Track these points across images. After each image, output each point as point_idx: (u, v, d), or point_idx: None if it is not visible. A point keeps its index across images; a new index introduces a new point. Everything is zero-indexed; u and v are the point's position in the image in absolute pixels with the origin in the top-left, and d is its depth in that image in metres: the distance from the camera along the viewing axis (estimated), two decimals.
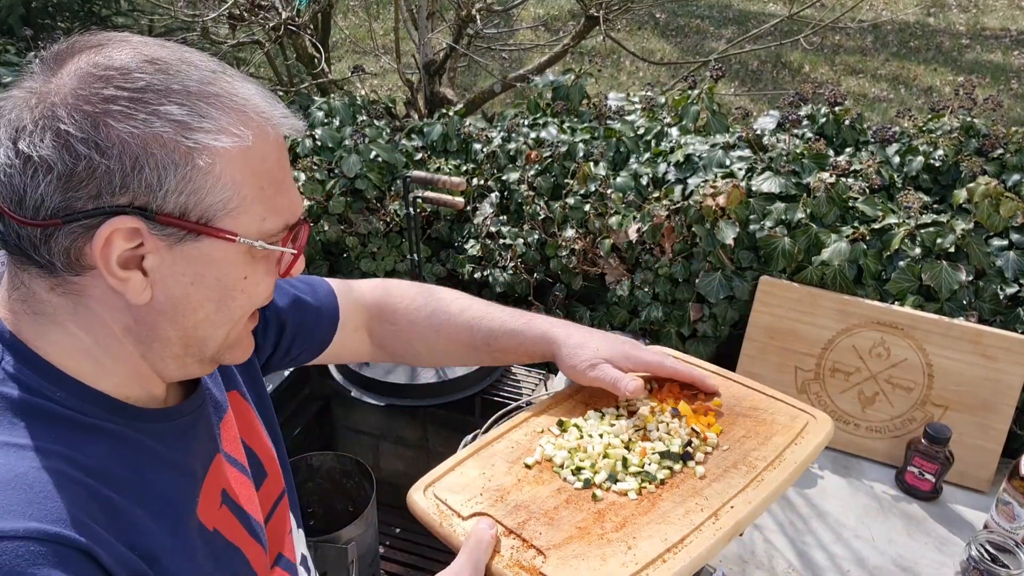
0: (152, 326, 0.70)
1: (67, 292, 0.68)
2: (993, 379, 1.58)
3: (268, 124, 0.69)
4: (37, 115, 0.63)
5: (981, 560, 1.29)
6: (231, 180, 0.66)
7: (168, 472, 0.73)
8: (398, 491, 2.27)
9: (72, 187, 0.62)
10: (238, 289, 0.71)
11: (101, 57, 0.65)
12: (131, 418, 0.72)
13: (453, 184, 1.78)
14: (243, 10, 2.78)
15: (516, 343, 1.09)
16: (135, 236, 0.65)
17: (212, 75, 0.67)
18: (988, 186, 1.67)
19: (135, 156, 0.63)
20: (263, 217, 0.69)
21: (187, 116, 0.64)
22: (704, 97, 2.10)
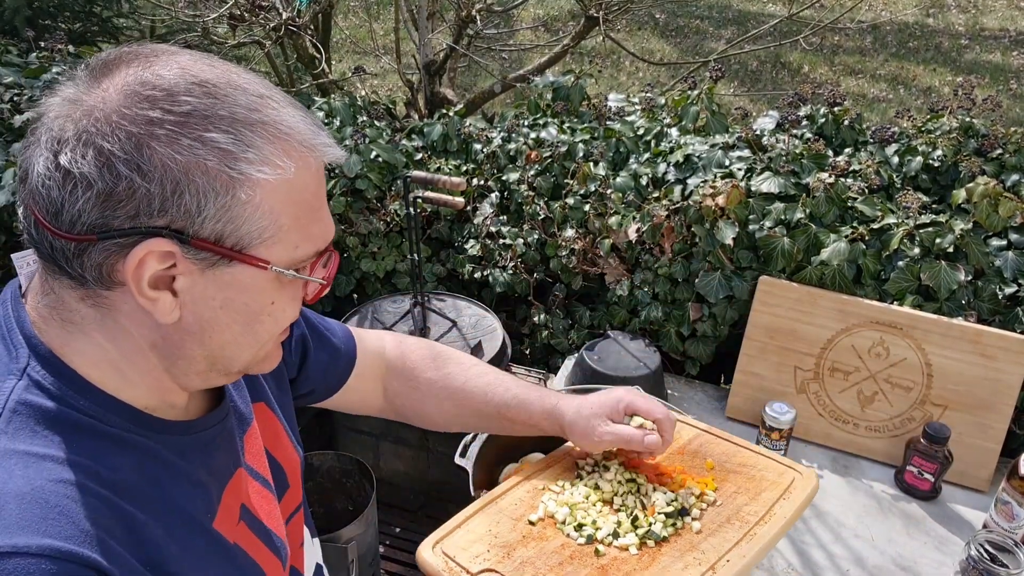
0: (178, 344, 0.70)
1: (96, 304, 0.67)
2: (992, 379, 1.58)
3: (311, 154, 0.68)
4: (80, 128, 0.62)
5: (980, 559, 1.30)
6: (269, 210, 0.66)
7: (187, 486, 0.73)
8: (398, 491, 2.28)
9: (111, 206, 0.62)
10: (265, 313, 0.71)
11: (149, 74, 0.64)
12: (153, 430, 0.72)
13: (453, 184, 1.79)
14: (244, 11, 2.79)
15: (526, 414, 1.12)
16: (168, 258, 0.64)
17: (259, 100, 0.66)
18: (987, 186, 1.67)
19: (176, 181, 0.62)
20: (296, 245, 0.69)
21: (232, 145, 0.63)
22: (703, 97, 2.10)
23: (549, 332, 2.07)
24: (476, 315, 2.07)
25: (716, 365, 1.94)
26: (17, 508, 0.61)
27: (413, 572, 2.10)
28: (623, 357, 1.82)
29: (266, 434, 0.90)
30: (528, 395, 1.12)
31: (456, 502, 2.17)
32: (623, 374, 1.75)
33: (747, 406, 1.78)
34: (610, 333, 1.91)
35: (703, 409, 1.84)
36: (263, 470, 0.87)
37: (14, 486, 0.62)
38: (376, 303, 2.13)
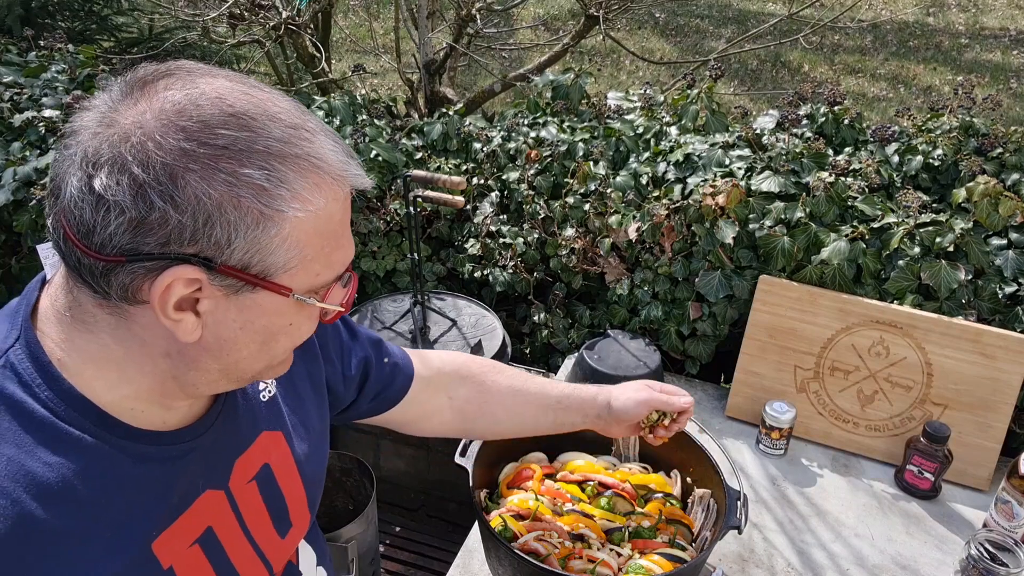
0: (194, 359, 0.71)
1: (114, 313, 0.68)
2: (992, 378, 1.58)
3: (341, 184, 0.69)
4: (115, 153, 0.62)
5: (980, 559, 1.30)
6: (296, 242, 0.67)
7: (134, 497, 0.72)
8: (399, 490, 2.29)
9: (142, 232, 0.63)
10: (282, 333, 0.73)
11: (187, 101, 0.64)
12: (118, 435, 0.71)
13: (453, 183, 1.79)
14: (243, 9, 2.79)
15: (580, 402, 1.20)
16: (194, 283, 0.65)
17: (294, 132, 0.66)
18: (987, 185, 1.67)
19: (208, 214, 0.63)
20: (318, 273, 0.70)
21: (265, 182, 0.64)
22: (703, 96, 2.10)
23: (549, 331, 2.07)
24: (476, 314, 2.07)
25: (716, 364, 1.94)
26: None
27: (413, 571, 2.10)
28: (623, 356, 1.82)
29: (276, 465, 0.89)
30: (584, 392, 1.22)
31: (456, 502, 2.18)
32: (623, 373, 1.74)
33: (747, 405, 1.78)
34: (610, 332, 1.91)
35: (703, 409, 1.84)
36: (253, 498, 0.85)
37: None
38: (376, 302, 2.13)
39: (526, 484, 1.34)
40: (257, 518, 0.85)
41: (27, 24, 3.42)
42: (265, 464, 0.87)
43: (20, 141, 2.27)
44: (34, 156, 2.23)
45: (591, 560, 1.19)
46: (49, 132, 2.30)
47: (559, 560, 1.19)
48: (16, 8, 3.46)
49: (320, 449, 0.98)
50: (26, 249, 2.23)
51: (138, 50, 3.60)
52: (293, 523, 0.91)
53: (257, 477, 0.86)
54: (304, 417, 0.95)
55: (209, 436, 0.80)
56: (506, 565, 1.18)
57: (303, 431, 0.94)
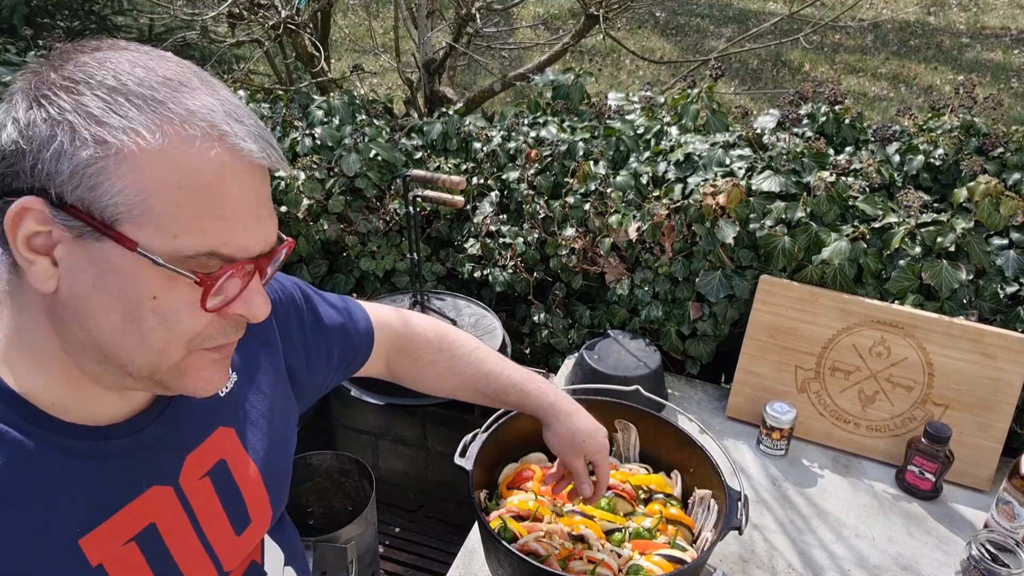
0: (60, 319, 0.67)
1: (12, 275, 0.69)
2: (993, 378, 1.58)
3: (215, 140, 0.64)
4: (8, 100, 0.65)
5: (981, 559, 1.29)
6: (136, 185, 0.62)
7: (65, 493, 0.70)
8: (397, 490, 2.28)
9: (3, 166, 0.64)
10: (146, 308, 0.66)
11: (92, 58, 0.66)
12: (47, 429, 0.70)
13: (453, 183, 1.78)
14: (242, 9, 2.78)
15: (521, 403, 1.21)
16: (44, 221, 0.64)
17: (166, 82, 0.64)
18: (988, 185, 1.66)
19: (42, 140, 0.62)
20: (175, 234, 0.64)
21: (100, 110, 0.62)
22: (704, 96, 2.10)
23: (549, 331, 2.07)
24: (476, 314, 2.06)
25: (716, 364, 1.94)
26: None
27: (412, 572, 2.09)
28: (623, 356, 1.81)
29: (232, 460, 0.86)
30: (528, 386, 1.21)
31: (456, 502, 2.18)
32: (623, 373, 1.74)
33: (748, 405, 1.78)
34: (610, 332, 1.90)
35: (703, 409, 1.83)
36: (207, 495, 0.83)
37: None
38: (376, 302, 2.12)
39: (526, 485, 1.34)
40: (211, 515, 0.83)
41: (27, 23, 3.42)
42: (220, 460, 0.85)
43: None
44: None
45: (591, 561, 1.18)
46: None
47: (559, 561, 1.18)
48: (21, 7, 3.45)
49: (284, 445, 0.96)
50: None
51: None
52: (252, 520, 0.89)
53: (211, 473, 0.83)
54: (267, 412, 0.92)
55: (151, 432, 0.78)
56: (506, 566, 1.17)
57: (265, 426, 0.91)
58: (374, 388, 1.95)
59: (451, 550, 1.66)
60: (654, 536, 1.25)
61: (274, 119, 2.34)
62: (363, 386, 1.97)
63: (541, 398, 1.20)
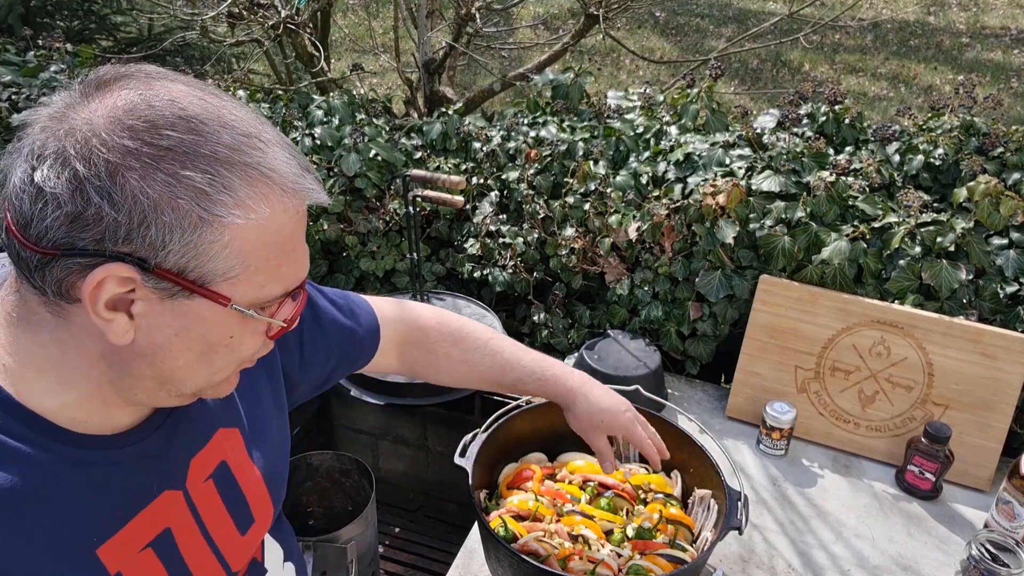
0: (127, 362, 0.69)
1: (55, 312, 0.68)
2: (993, 378, 1.58)
3: (292, 197, 0.68)
4: (60, 147, 0.62)
5: (981, 559, 1.29)
6: (238, 251, 0.66)
7: (79, 504, 0.71)
8: (398, 490, 2.28)
9: (77, 227, 0.62)
10: (222, 345, 0.71)
11: (139, 100, 0.64)
12: (60, 441, 0.70)
13: (453, 183, 1.78)
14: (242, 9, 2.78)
15: (541, 390, 1.22)
16: (128, 283, 0.64)
17: (245, 140, 0.66)
18: (988, 185, 1.66)
19: (144, 215, 0.62)
20: (263, 285, 0.69)
21: (207, 186, 0.63)
22: (704, 96, 2.10)
23: (549, 331, 2.07)
24: (476, 314, 2.06)
25: (716, 364, 1.94)
26: None
27: (412, 572, 2.09)
28: (623, 356, 1.81)
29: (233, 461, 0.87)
30: (545, 373, 1.22)
31: (456, 502, 2.18)
32: (623, 373, 1.74)
33: (748, 405, 1.78)
34: (610, 332, 1.90)
35: (703, 409, 1.83)
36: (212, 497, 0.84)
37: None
38: None
39: (526, 485, 1.34)
40: (216, 517, 0.84)
41: (26, 23, 3.42)
42: (222, 461, 0.86)
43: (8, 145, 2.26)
44: None
45: (591, 561, 1.18)
46: None
47: (559, 561, 1.18)
48: (17, 7, 3.45)
49: (281, 443, 0.97)
50: None
51: (137, 50, 3.60)
52: (255, 519, 0.90)
53: (214, 475, 0.85)
54: (262, 411, 0.93)
55: (158, 437, 0.79)
56: (506, 566, 1.17)
57: (262, 424, 0.93)
58: (374, 388, 1.95)
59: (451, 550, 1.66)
60: (654, 536, 1.25)
61: (274, 119, 2.34)
62: (363, 386, 1.97)
63: (558, 384, 1.21)
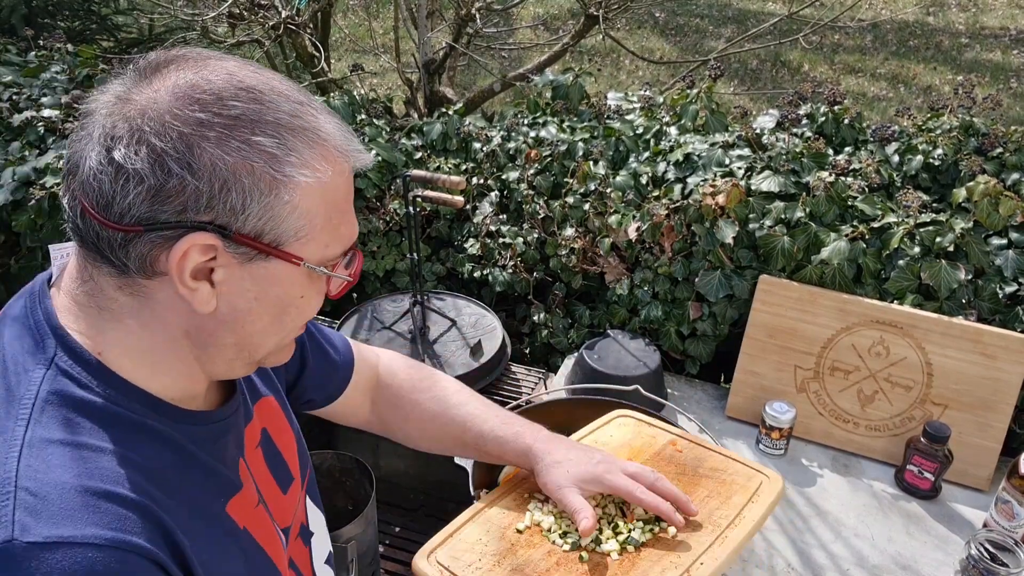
0: (212, 332, 0.73)
1: (134, 293, 0.70)
2: (992, 378, 1.58)
3: (344, 159, 0.73)
4: (134, 126, 0.65)
5: (981, 559, 1.30)
6: (306, 210, 0.70)
7: (201, 472, 0.76)
8: (398, 490, 2.28)
9: (160, 200, 0.65)
10: (293, 306, 0.75)
11: (198, 78, 0.67)
12: (171, 418, 0.74)
13: (453, 183, 1.78)
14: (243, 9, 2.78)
15: (500, 451, 1.12)
16: (210, 251, 0.68)
17: (300, 107, 0.70)
18: (987, 185, 1.67)
19: (224, 180, 0.66)
20: (326, 244, 0.73)
21: (277, 149, 0.67)
22: (703, 96, 2.10)
23: (549, 331, 2.07)
24: (476, 314, 2.07)
25: (716, 364, 1.94)
26: (59, 498, 0.63)
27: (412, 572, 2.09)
28: (623, 356, 1.81)
29: (273, 428, 0.93)
30: (505, 432, 1.11)
31: (456, 502, 2.17)
32: (623, 373, 1.74)
33: (747, 405, 1.78)
34: (610, 332, 1.91)
35: (703, 408, 1.84)
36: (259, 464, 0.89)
37: (54, 476, 0.64)
38: (375, 302, 2.12)
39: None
40: (264, 480, 0.89)
41: (27, 24, 3.42)
42: (263, 429, 0.91)
43: (19, 141, 2.27)
44: (33, 156, 2.22)
45: None
46: (48, 132, 2.30)
47: None
48: (20, 7, 3.46)
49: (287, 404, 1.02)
50: (24, 249, 2.23)
51: (138, 50, 3.60)
52: (294, 477, 0.95)
53: (260, 443, 0.90)
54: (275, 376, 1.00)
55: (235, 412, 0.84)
56: None
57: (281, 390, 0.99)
58: None
59: None
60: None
61: None
62: None
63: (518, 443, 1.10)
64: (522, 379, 2.01)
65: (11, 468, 0.64)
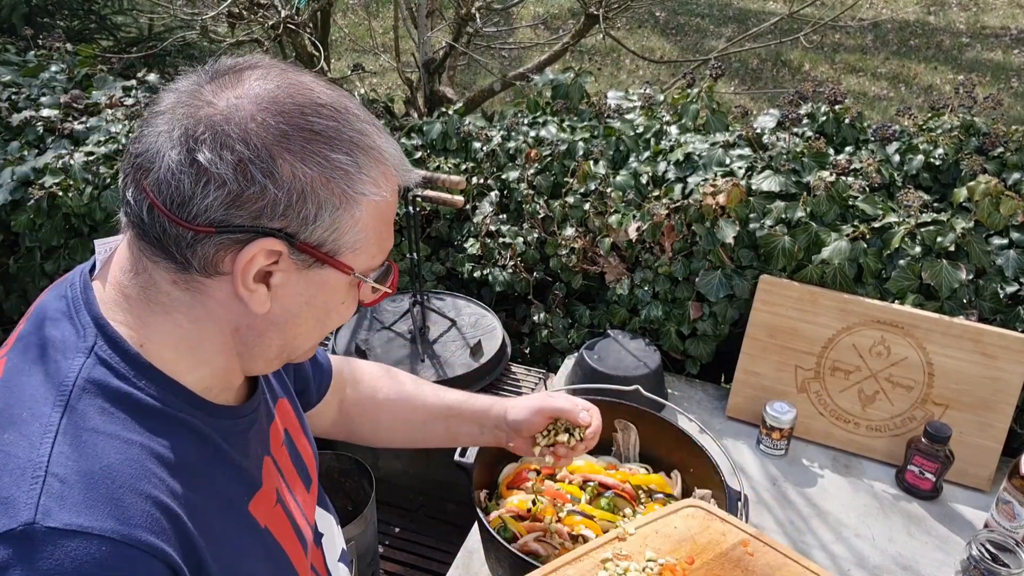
0: (261, 332, 0.76)
1: (190, 288, 0.72)
2: (993, 378, 1.58)
3: (399, 177, 0.77)
4: (218, 131, 0.67)
5: (982, 559, 1.29)
6: (365, 225, 0.74)
7: (228, 468, 0.78)
8: (397, 490, 2.28)
9: (238, 205, 0.68)
10: (335, 311, 0.79)
11: (280, 91, 0.70)
12: (206, 412, 0.76)
13: (453, 183, 1.78)
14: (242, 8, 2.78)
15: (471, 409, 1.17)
16: (274, 256, 0.71)
17: (367, 127, 0.74)
18: (988, 184, 1.66)
19: (302, 191, 0.69)
20: (373, 255, 0.77)
21: (350, 166, 0.71)
22: (704, 96, 2.10)
23: (549, 331, 2.07)
24: (475, 314, 2.06)
25: (716, 364, 1.94)
26: (84, 487, 0.64)
27: (412, 572, 2.09)
28: (623, 356, 1.81)
29: (292, 429, 0.95)
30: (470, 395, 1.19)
31: (456, 502, 2.18)
32: (623, 373, 1.74)
33: (748, 405, 1.78)
34: (610, 332, 1.90)
35: (703, 409, 1.83)
36: (287, 461, 0.91)
37: (84, 465, 0.65)
38: None
39: (526, 485, 1.34)
40: (292, 478, 0.91)
41: (26, 23, 3.42)
42: (285, 429, 0.93)
43: (18, 141, 2.27)
44: (32, 156, 2.22)
45: None
46: (47, 132, 2.30)
47: None
48: (21, 6, 3.45)
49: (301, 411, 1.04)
50: (23, 249, 2.22)
51: (137, 49, 3.60)
52: (312, 478, 0.98)
53: (285, 441, 0.92)
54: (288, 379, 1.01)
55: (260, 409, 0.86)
56: (506, 566, 1.17)
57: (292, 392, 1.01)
58: None
59: (451, 550, 1.66)
60: None
61: None
62: None
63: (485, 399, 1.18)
64: (522, 379, 2.01)
65: (44, 453, 0.65)
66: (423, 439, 1.20)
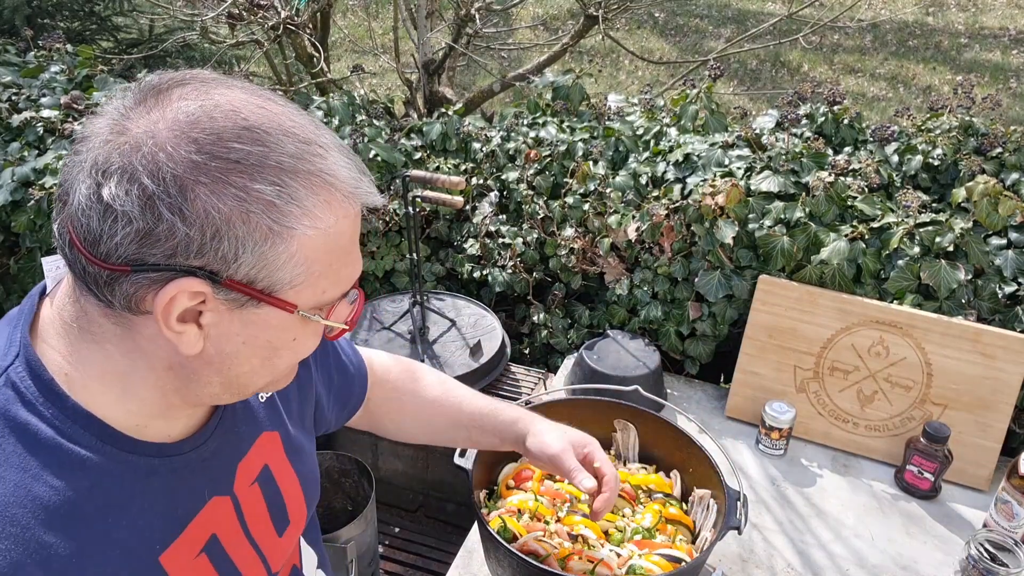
0: (195, 371, 0.70)
1: (119, 323, 0.67)
2: (992, 377, 1.58)
3: (351, 201, 0.68)
4: (126, 162, 0.61)
5: (980, 559, 1.30)
6: (304, 259, 0.66)
7: (142, 512, 0.72)
8: (397, 490, 2.28)
9: (148, 243, 0.62)
10: (286, 348, 0.72)
11: (200, 112, 0.63)
12: (124, 449, 0.71)
13: (452, 183, 1.78)
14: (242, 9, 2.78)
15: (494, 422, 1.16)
16: (199, 296, 0.64)
17: (307, 147, 0.65)
18: (987, 185, 1.67)
19: (217, 228, 0.62)
20: (324, 290, 0.69)
21: (276, 197, 0.63)
22: (703, 96, 2.10)
23: (548, 331, 2.07)
24: (475, 314, 2.07)
25: (716, 364, 1.94)
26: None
27: (412, 572, 2.09)
28: (622, 356, 1.81)
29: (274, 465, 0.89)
30: (497, 405, 1.18)
31: (456, 502, 2.18)
32: (622, 373, 1.74)
33: (747, 405, 1.78)
34: (609, 332, 1.90)
35: (703, 409, 1.84)
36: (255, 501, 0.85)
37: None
38: (375, 302, 2.12)
39: (526, 484, 1.34)
40: (258, 519, 0.85)
41: (27, 24, 3.42)
42: (265, 465, 0.87)
43: (18, 141, 2.27)
44: (32, 156, 2.22)
45: (590, 560, 1.18)
46: (47, 132, 2.30)
47: (558, 561, 1.19)
48: (23, 7, 3.45)
49: (312, 446, 0.99)
50: (24, 250, 2.22)
51: (137, 50, 3.60)
52: (291, 521, 0.91)
53: (259, 479, 0.86)
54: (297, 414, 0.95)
55: (211, 443, 0.79)
56: (505, 566, 1.18)
57: (297, 427, 0.95)
58: None
59: (451, 550, 1.67)
60: (653, 536, 1.25)
61: None
62: None
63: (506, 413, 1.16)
64: (522, 379, 2.01)
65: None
66: (445, 440, 1.21)
